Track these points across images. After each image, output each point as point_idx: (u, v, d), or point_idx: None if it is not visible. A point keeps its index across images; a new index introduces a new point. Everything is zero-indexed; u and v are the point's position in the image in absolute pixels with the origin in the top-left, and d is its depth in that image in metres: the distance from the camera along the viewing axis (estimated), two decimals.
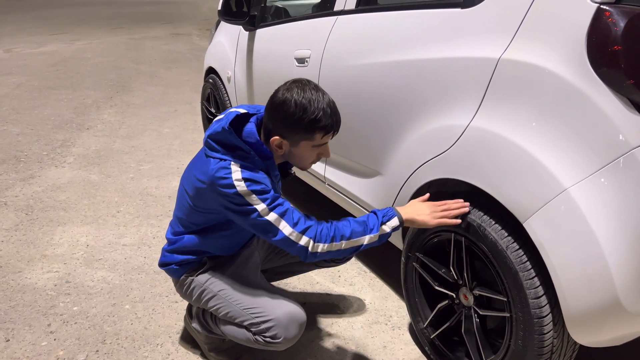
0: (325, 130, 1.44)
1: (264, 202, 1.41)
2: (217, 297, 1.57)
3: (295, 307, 1.52)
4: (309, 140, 1.45)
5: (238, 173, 1.40)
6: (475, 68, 1.47)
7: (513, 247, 1.38)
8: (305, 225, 1.43)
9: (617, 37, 1.18)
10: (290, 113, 1.39)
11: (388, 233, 1.49)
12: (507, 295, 1.42)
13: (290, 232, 1.41)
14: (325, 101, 1.42)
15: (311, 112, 1.39)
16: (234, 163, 1.42)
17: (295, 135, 1.44)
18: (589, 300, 1.25)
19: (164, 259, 1.66)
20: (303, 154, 1.49)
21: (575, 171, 1.24)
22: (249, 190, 1.39)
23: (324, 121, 1.42)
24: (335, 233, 1.44)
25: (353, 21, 2.05)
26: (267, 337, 1.49)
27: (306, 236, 1.42)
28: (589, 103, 1.22)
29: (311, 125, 1.41)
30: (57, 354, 1.78)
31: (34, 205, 2.93)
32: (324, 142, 1.48)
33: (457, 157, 1.52)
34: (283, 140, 1.45)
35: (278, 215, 1.41)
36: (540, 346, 1.37)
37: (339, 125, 1.48)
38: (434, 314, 1.72)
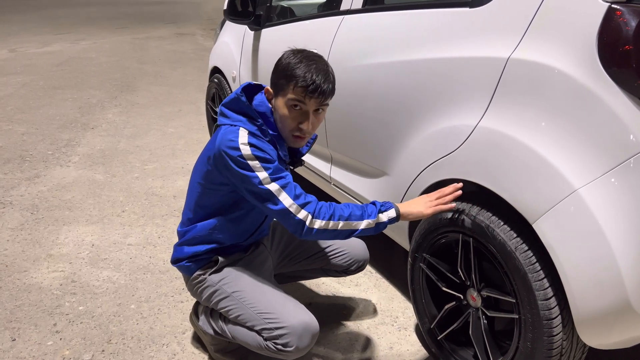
0: (297, 81, 1.38)
1: (266, 170, 1.40)
2: (230, 298, 1.56)
3: (310, 316, 1.49)
4: (284, 90, 1.42)
5: (245, 137, 1.41)
6: (484, 68, 1.46)
7: (522, 248, 1.37)
8: (305, 200, 1.43)
9: (629, 37, 1.17)
10: (279, 61, 1.45)
11: (384, 222, 1.48)
12: (515, 296, 1.41)
13: (290, 203, 1.41)
14: (317, 62, 1.42)
15: (294, 62, 1.40)
16: (242, 128, 1.43)
17: (276, 83, 1.45)
18: (599, 302, 1.23)
19: (176, 255, 1.65)
20: (280, 109, 1.45)
21: (585, 172, 1.23)
22: (252, 154, 1.39)
23: (299, 71, 1.38)
24: (334, 212, 1.44)
25: (360, 21, 2.04)
26: (279, 344, 1.46)
27: (305, 210, 1.41)
28: (599, 103, 1.21)
29: (287, 71, 1.40)
30: (63, 353, 1.78)
31: (40, 204, 2.93)
32: (297, 99, 1.41)
33: (465, 158, 1.51)
34: (270, 90, 1.48)
35: (279, 186, 1.41)
36: (549, 348, 1.35)
37: (318, 87, 1.39)
38: (441, 315, 1.71)
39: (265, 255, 1.72)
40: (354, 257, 1.84)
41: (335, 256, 1.82)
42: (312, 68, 1.40)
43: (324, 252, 1.82)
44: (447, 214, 1.58)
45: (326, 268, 1.87)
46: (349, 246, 1.85)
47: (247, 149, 1.40)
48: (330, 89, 1.44)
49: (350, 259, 1.84)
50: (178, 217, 2.82)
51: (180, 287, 2.17)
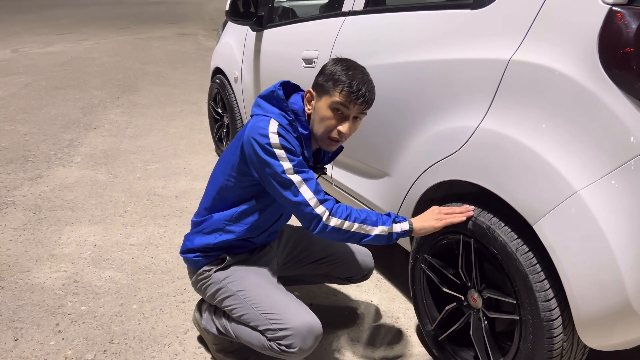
0: (343, 86, 1.44)
1: (290, 161, 1.44)
2: (235, 297, 1.56)
3: (314, 318, 1.50)
4: (328, 94, 1.46)
5: (275, 127, 1.45)
6: (485, 69, 1.46)
7: (523, 249, 1.37)
8: (325, 197, 1.47)
9: (629, 39, 1.17)
10: (326, 67, 1.50)
11: (398, 233, 1.51)
12: (516, 297, 1.42)
13: (311, 197, 1.44)
14: (362, 73, 1.48)
15: (340, 69, 1.46)
16: (273, 120, 1.46)
17: (320, 86, 1.49)
18: (599, 303, 1.24)
19: (186, 245, 1.66)
20: (321, 111, 1.49)
21: (586, 173, 1.23)
22: (280, 144, 1.43)
23: (347, 78, 1.44)
24: (351, 213, 1.47)
25: (361, 22, 2.05)
26: (283, 345, 1.46)
27: (323, 206, 1.45)
28: (600, 105, 1.21)
29: (333, 77, 1.45)
30: (65, 353, 1.79)
31: (42, 204, 2.95)
32: (341, 103, 1.45)
33: (466, 159, 1.51)
34: (312, 92, 1.52)
35: (302, 179, 1.45)
36: (550, 349, 1.36)
37: (362, 95, 1.45)
38: (442, 316, 1.71)
39: (271, 256, 1.72)
40: (359, 265, 1.85)
41: (341, 263, 1.82)
42: (359, 77, 1.46)
43: (330, 258, 1.82)
44: None
45: (330, 274, 1.87)
46: (352, 254, 1.85)
47: (275, 137, 1.43)
48: (373, 99, 1.50)
49: (356, 266, 1.84)
50: (180, 217, 2.83)
51: (182, 288, 2.17)
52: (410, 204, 1.79)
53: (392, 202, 1.90)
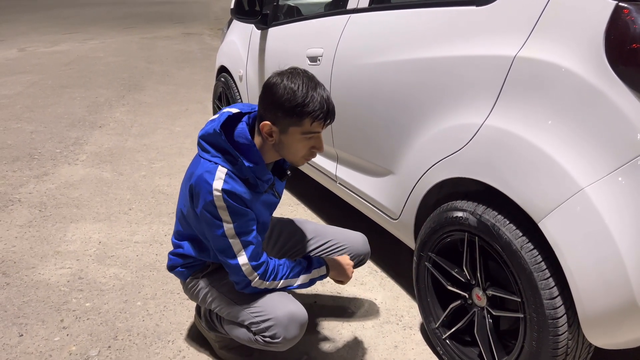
0: (314, 117, 1.37)
1: (232, 222, 1.42)
2: (220, 297, 1.58)
3: (296, 306, 1.50)
4: (298, 126, 1.38)
5: (220, 182, 1.40)
6: (491, 66, 1.45)
7: (527, 247, 1.37)
8: (259, 261, 1.48)
9: (636, 35, 1.17)
10: (279, 95, 1.35)
11: (316, 279, 1.62)
12: (521, 295, 1.41)
13: (244, 262, 1.46)
14: (318, 90, 1.38)
15: (300, 96, 1.34)
16: (221, 168, 1.42)
17: (283, 120, 1.38)
18: (605, 301, 1.23)
19: (170, 262, 1.68)
20: (293, 143, 1.42)
21: (592, 171, 1.23)
22: (224, 204, 1.40)
23: (313, 106, 1.35)
24: (277, 274, 1.52)
25: (366, 19, 2.04)
26: (267, 336, 1.48)
27: (256, 272, 1.48)
28: (606, 102, 1.21)
29: (299, 108, 1.35)
30: (69, 349, 1.80)
31: (48, 202, 2.96)
32: (314, 131, 1.40)
33: (471, 156, 1.51)
34: (273, 127, 1.40)
35: (241, 243, 1.44)
36: (555, 347, 1.35)
37: (331, 115, 1.40)
38: (446, 314, 1.71)
39: None
40: (354, 251, 1.84)
41: (335, 251, 1.82)
42: (318, 94, 1.37)
43: (325, 248, 1.82)
44: (453, 212, 1.58)
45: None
46: (348, 241, 1.84)
47: (219, 195, 1.39)
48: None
49: (351, 253, 1.83)
50: None
51: None
52: (415, 202, 1.78)
53: (397, 200, 1.90)
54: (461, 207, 1.56)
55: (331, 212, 2.91)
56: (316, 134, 1.42)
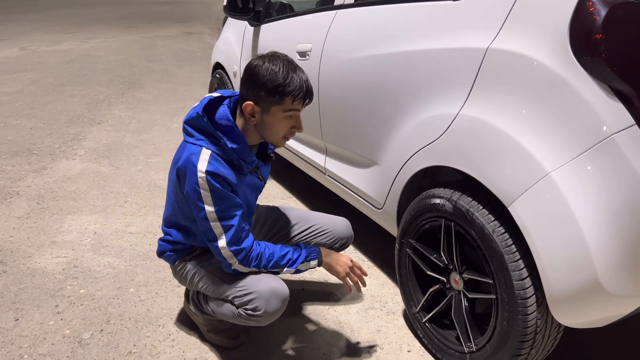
0: (295, 95, 1.45)
1: (214, 205, 1.48)
2: (206, 276, 1.65)
3: (279, 282, 1.56)
4: (279, 104, 1.46)
5: (204, 163, 1.46)
6: (465, 58, 1.51)
7: (499, 230, 1.43)
8: (240, 246, 1.52)
9: (599, 26, 1.22)
10: (261, 76, 1.44)
11: (302, 271, 1.64)
12: (493, 277, 1.47)
13: (223, 246, 1.51)
14: (297, 71, 1.47)
15: (281, 76, 1.43)
16: (205, 150, 1.48)
17: (266, 99, 1.46)
18: (570, 281, 1.28)
19: (159, 248, 1.75)
20: (274, 122, 1.50)
21: (558, 156, 1.28)
22: (207, 185, 1.46)
23: (293, 85, 1.44)
24: (261, 261, 1.57)
25: (351, 15, 2.10)
26: (249, 309, 1.54)
27: (236, 257, 1.53)
28: (571, 90, 1.26)
29: (281, 87, 1.43)
30: (63, 332, 1.86)
31: (45, 195, 3.02)
32: (294, 109, 1.49)
33: (448, 145, 1.57)
34: (255, 107, 1.48)
35: (221, 228, 1.50)
36: (524, 327, 1.41)
37: (310, 94, 1.49)
38: (425, 299, 1.77)
39: None
40: (337, 235, 1.90)
41: (319, 235, 1.88)
42: (297, 75, 1.46)
43: (308, 232, 1.88)
44: (431, 199, 1.64)
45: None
46: (331, 225, 1.90)
47: (203, 177, 1.45)
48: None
49: (334, 237, 1.89)
50: None
51: None
52: (397, 191, 1.84)
53: (381, 189, 1.96)
54: (438, 194, 1.62)
55: (321, 205, 2.97)
56: (296, 112, 1.50)
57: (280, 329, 1.90)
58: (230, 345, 1.80)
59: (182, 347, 1.80)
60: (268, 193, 3.10)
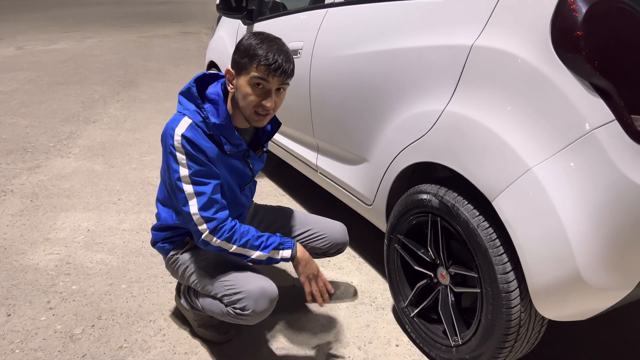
0: (260, 60, 1.43)
1: (189, 169, 1.48)
2: (197, 272, 1.66)
3: (268, 282, 1.57)
4: (246, 69, 1.46)
5: (184, 127, 1.48)
6: (451, 55, 1.53)
7: (484, 225, 1.45)
8: (211, 214, 1.50)
9: (579, 24, 1.24)
10: (241, 44, 1.48)
11: (277, 259, 1.58)
12: (478, 271, 1.49)
13: (195, 212, 1.49)
14: (277, 44, 1.47)
15: (255, 43, 1.45)
16: (186, 119, 1.50)
17: (237, 63, 1.48)
18: (552, 275, 1.31)
19: (153, 238, 1.76)
20: (243, 88, 1.48)
21: (540, 151, 1.30)
22: (182, 147, 1.46)
23: (262, 51, 1.43)
24: (233, 235, 1.52)
25: (341, 13, 2.13)
26: (237, 308, 1.54)
27: (206, 225, 1.50)
28: (553, 87, 1.28)
29: (249, 51, 1.44)
30: (55, 327, 1.88)
31: (39, 192, 3.04)
32: (260, 76, 1.45)
33: (434, 141, 1.59)
34: (231, 71, 1.51)
35: (193, 191, 1.49)
36: (508, 319, 1.43)
37: (278, 65, 1.44)
38: (413, 293, 1.79)
39: None
40: (333, 240, 1.91)
41: (314, 239, 1.89)
42: (274, 48, 1.46)
43: (304, 236, 1.89)
44: (418, 195, 1.66)
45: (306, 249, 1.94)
46: (328, 229, 1.91)
47: (179, 139, 1.46)
48: (291, 68, 1.50)
49: (330, 242, 1.91)
50: None
51: None
52: (386, 187, 1.86)
53: (371, 186, 1.98)
54: (425, 190, 1.64)
55: (314, 202, 2.99)
56: (265, 83, 1.46)
57: (271, 324, 1.92)
58: (220, 340, 1.81)
59: (172, 342, 1.82)
60: (261, 191, 3.12)
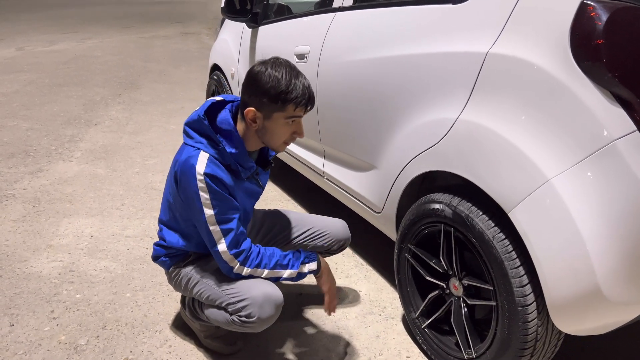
0: (297, 102, 1.45)
1: (214, 208, 1.47)
2: (200, 282, 1.63)
3: (272, 288, 1.55)
4: (282, 111, 1.46)
5: (203, 164, 1.45)
6: (465, 62, 1.50)
7: (499, 237, 1.41)
8: (239, 249, 1.52)
9: (600, 31, 1.21)
10: (264, 83, 1.44)
11: (305, 274, 1.62)
12: (493, 284, 1.45)
13: (224, 250, 1.50)
14: (299, 77, 1.47)
15: (284, 84, 1.43)
16: (203, 153, 1.48)
17: (268, 106, 1.46)
18: (571, 289, 1.27)
19: (154, 253, 1.74)
20: (276, 128, 1.50)
21: (559, 162, 1.27)
22: (206, 187, 1.45)
23: (296, 92, 1.44)
24: (261, 261, 1.55)
25: (350, 17, 2.09)
26: (242, 316, 1.52)
27: (237, 260, 1.52)
28: (572, 96, 1.25)
29: (284, 95, 1.43)
30: (59, 338, 1.84)
31: (41, 197, 3.00)
32: (297, 115, 1.49)
33: (447, 150, 1.55)
34: (257, 113, 1.48)
35: (220, 231, 1.49)
36: (525, 334, 1.39)
37: (312, 101, 1.49)
38: (425, 304, 1.75)
39: None
40: (334, 237, 1.89)
41: (316, 238, 1.87)
42: (300, 82, 1.46)
43: (306, 235, 1.87)
44: (430, 204, 1.62)
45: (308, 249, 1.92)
46: (328, 227, 1.90)
47: (202, 179, 1.45)
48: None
49: (332, 239, 1.88)
50: None
51: None
52: (396, 195, 1.83)
53: (380, 193, 1.94)
54: (438, 200, 1.61)
55: (320, 208, 2.96)
56: (298, 118, 1.50)
57: (278, 334, 1.89)
58: (227, 352, 1.78)
59: (179, 354, 1.78)
60: (266, 196, 3.08)
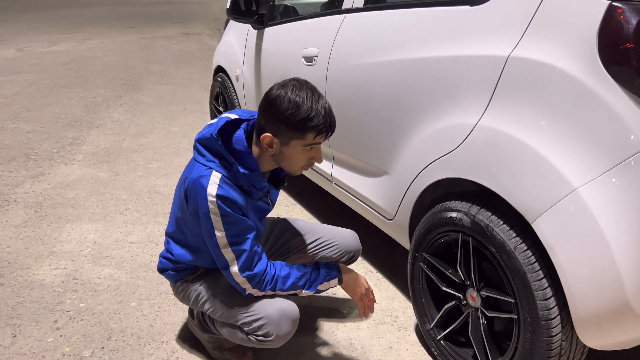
0: (318, 130, 1.39)
1: (226, 231, 1.41)
2: (211, 300, 1.58)
3: (287, 303, 1.50)
4: (300, 139, 1.40)
5: (215, 186, 1.39)
6: (484, 66, 1.45)
7: (521, 247, 1.36)
8: (252, 271, 1.45)
9: (629, 35, 1.16)
10: (283, 109, 1.36)
11: (322, 291, 1.57)
12: (514, 296, 1.40)
13: (235, 272, 1.45)
14: (320, 102, 1.39)
15: (304, 110, 1.36)
16: (215, 173, 1.41)
17: (286, 133, 1.39)
18: (598, 302, 1.22)
19: (160, 265, 1.68)
20: (293, 154, 1.44)
21: (585, 171, 1.22)
22: (218, 210, 1.39)
23: (317, 120, 1.37)
24: (276, 284, 1.49)
25: (361, 19, 2.04)
26: (260, 335, 1.48)
27: (249, 283, 1.46)
28: (599, 102, 1.20)
29: (303, 123, 1.37)
30: (63, 350, 1.79)
31: (43, 202, 2.95)
32: (316, 143, 1.43)
33: (465, 157, 1.50)
34: (274, 139, 1.41)
35: (233, 253, 1.43)
36: (549, 348, 1.34)
37: (333, 127, 1.43)
38: (440, 315, 1.70)
39: None
40: (345, 248, 1.83)
41: (326, 248, 1.82)
42: (322, 107, 1.38)
43: (315, 245, 1.82)
44: (447, 212, 1.57)
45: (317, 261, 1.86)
46: (339, 237, 1.84)
47: (214, 201, 1.39)
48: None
49: (342, 250, 1.83)
50: None
51: None
52: (410, 202, 1.78)
53: (392, 200, 1.89)
54: (455, 208, 1.55)
55: (327, 213, 2.91)
56: (317, 145, 1.44)
57: (289, 346, 1.83)
58: None
59: None
60: None
